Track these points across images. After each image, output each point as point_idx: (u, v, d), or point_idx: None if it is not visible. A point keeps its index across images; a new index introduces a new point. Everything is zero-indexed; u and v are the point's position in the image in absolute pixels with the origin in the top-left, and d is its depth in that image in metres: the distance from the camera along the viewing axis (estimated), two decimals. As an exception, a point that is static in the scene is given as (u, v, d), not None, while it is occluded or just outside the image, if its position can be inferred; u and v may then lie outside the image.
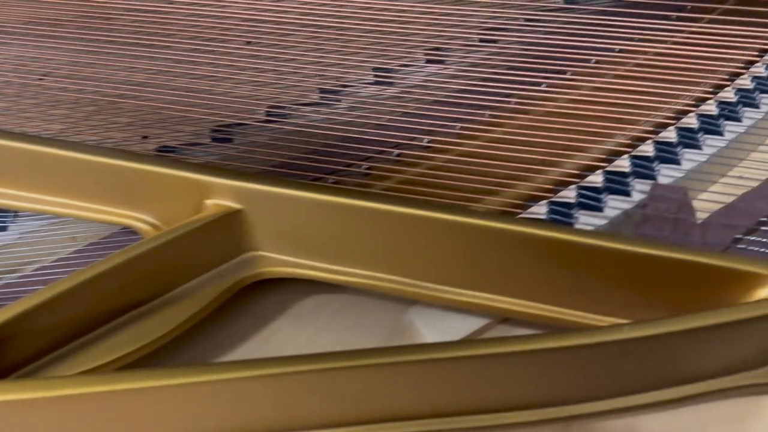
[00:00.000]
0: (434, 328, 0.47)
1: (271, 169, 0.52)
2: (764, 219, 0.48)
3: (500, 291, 0.45)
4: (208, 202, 0.44)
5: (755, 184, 0.51)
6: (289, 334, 0.48)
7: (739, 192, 0.50)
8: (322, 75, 0.62)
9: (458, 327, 0.47)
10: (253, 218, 0.44)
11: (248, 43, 0.66)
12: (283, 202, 0.43)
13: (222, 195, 0.43)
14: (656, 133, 0.54)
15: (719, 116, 0.56)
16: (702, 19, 0.66)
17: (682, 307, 0.42)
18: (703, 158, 0.53)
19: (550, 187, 0.51)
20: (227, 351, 0.46)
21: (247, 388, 0.37)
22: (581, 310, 0.44)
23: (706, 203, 0.50)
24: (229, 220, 0.43)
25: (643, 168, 0.52)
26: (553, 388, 0.41)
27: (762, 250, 0.46)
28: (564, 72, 0.62)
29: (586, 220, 0.48)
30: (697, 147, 0.53)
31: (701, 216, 0.50)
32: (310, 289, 0.49)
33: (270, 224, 0.45)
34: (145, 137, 0.56)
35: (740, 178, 0.52)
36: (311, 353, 0.39)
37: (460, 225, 0.43)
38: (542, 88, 0.60)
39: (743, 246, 0.46)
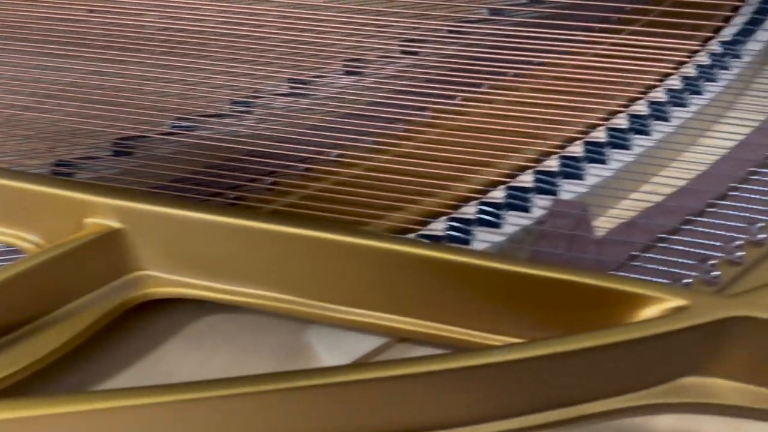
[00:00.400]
0: (332, 349, 0.46)
1: (170, 184, 0.51)
2: (662, 235, 0.48)
3: (395, 311, 0.45)
4: (88, 220, 0.43)
5: (659, 199, 0.51)
6: (180, 356, 0.46)
7: (641, 208, 0.50)
8: (235, 86, 0.61)
9: (356, 347, 0.46)
10: (136, 237, 0.43)
11: (162, 52, 0.65)
12: (166, 221, 0.42)
13: (101, 214, 0.42)
14: (563, 147, 0.54)
15: (629, 129, 0.56)
16: (622, 30, 0.66)
17: (571, 327, 0.42)
18: (608, 173, 0.53)
19: (453, 203, 0.50)
20: (114, 374, 0.45)
21: (122, 418, 0.36)
22: (476, 330, 0.44)
23: (607, 219, 0.50)
24: (109, 240, 0.42)
25: (545, 183, 0.52)
26: (441, 410, 0.40)
27: (658, 267, 0.46)
28: (479, 85, 0.61)
29: (485, 236, 0.48)
30: (603, 162, 0.53)
31: (602, 232, 0.50)
32: (206, 308, 0.48)
33: (155, 243, 0.43)
34: (49, 150, 0.55)
35: (644, 193, 0.52)
36: (190, 381, 0.38)
37: (352, 245, 0.43)
38: (456, 101, 0.59)
39: (639, 263, 0.46)
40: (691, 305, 0.38)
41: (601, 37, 0.64)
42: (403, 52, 0.66)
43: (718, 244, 0.47)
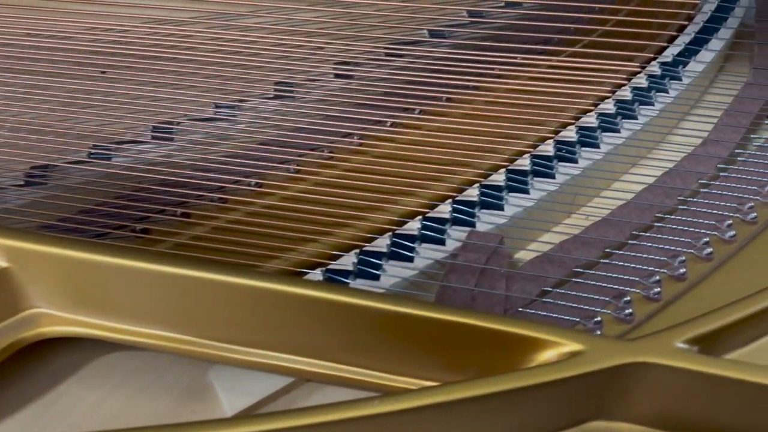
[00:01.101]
0: (233, 390, 0.44)
1: (75, 216, 0.50)
2: (578, 270, 0.47)
3: (296, 352, 0.43)
4: (-29, 261, 0.41)
5: (576, 231, 0.49)
6: (78, 395, 0.44)
7: (557, 240, 0.49)
8: (156, 111, 0.60)
9: (258, 388, 0.44)
10: (24, 276, 0.41)
11: (86, 77, 0.63)
12: (54, 259, 0.41)
13: (-16, 253, 0.40)
14: (486, 176, 0.52)
15: (554, 157, 0.54)
16: (562, 52, 0.65)
17: (472, 369, 0.40)
18: (530, 203, 0.51)
19: (367, 235, 0.48)
20: (5, 417, 0.43)
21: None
22: (378, 371, 0.42)
23: (525, 252, 0.49)
24: (-4, 279, 0.40)
25: (463, 214, 0.50)
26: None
27: (570, 304, 0.44)
28: (408, 111, 0.60)
29: (394, 271, 0.46)
30: (525, 191, 0.52)
31: (518, 264, 0.48)
32: (104, 346, 0.46)
33: (46, 281, 0.42)
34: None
35: (565, 225, 0.51)
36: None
37: (248, 287, 0.41)
38: (382, 127, 0.58)
39: (550, 300, 0.45)
40: (585, 350, 0.36)
41: (538, 60, 0.63)
42: (336, 76, 0.65)
43: (636, 279, 0.45)
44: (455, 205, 0.50)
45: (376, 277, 0.45)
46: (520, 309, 0.44)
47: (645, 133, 0.57)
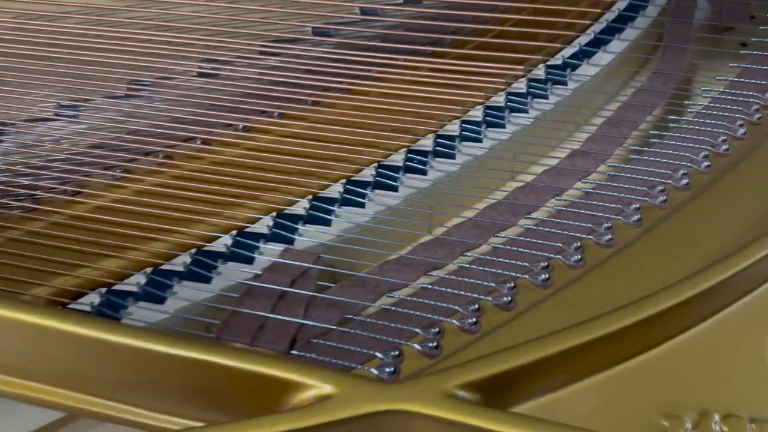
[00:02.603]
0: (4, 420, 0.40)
1: None
2: (392, 295, 0.41)
3: (66, 386, 0.38)
4: None
5: (394, 256, 0.44)
6: None
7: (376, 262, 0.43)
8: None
9: (27, 420, 0.40)
10: None
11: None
12: None
13: None
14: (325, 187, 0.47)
15: (402, 168, 0.49)
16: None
17: (238, 410, 0.36)
18: (364, 218, 0.46)
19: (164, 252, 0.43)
20: None
21: None
22: (144, 409, 0.37)
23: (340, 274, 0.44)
24: None
25: (285, 229, 0.45)
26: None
27: (370, 334, 0.39)
28: (271, 113, 0.55)
29: (186, 293, 0.42)
30: (361, 204, 0.47)
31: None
32: None
33: None
34: None
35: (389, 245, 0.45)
36: None
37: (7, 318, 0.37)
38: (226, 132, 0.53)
39: (347, 329, 0.39)
40: (335, 394, 0.31)
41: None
42: (200, 74, 0.61)
43: (455, 307, 0.40)
44: (278, 219, 0.45)
45: (161, 300, 0.41)
46: (314, 340, 0.39)
47: (507, 144, 0.52)
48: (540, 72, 0.57)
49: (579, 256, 0.42)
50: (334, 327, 0.39)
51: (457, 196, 0.49)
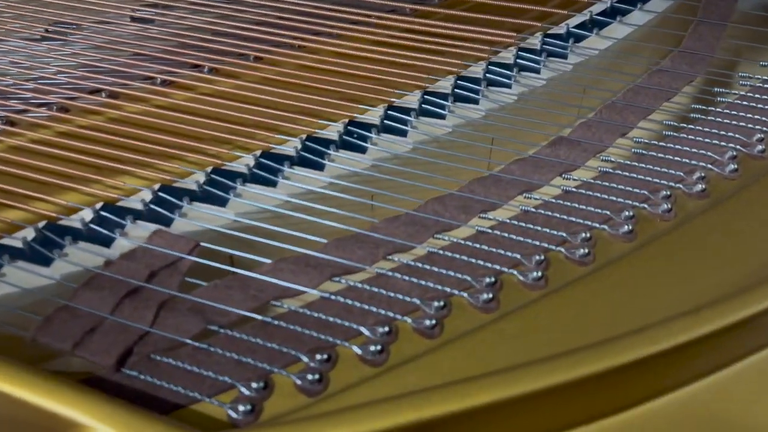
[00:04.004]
0: None
1: None
2: (277, 303, 0.31)
3: None
4: None
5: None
6: None
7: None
8: None
9: None
10: None
11: None
12: None
13: None
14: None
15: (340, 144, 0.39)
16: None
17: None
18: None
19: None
20: None
21: None
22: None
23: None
24: None
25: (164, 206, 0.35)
26: None
27: (238, 356, 0.29)
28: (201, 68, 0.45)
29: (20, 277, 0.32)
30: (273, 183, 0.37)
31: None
32: None
33: None
34: None
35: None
36: None
37: None
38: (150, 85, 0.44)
39: (205, 345, 0.30)
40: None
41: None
42: (133, 19, 0.52)
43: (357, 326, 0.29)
44: (159, 193, 0.36)
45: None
46: (155, 356, 0.29)
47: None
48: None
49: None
50: (187, 341, 0.29)
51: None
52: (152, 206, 0.35)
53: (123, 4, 0.52)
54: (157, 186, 0.36)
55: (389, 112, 0.41)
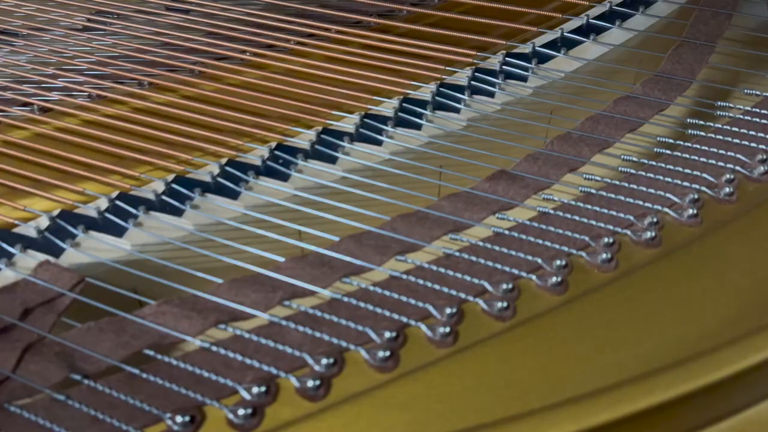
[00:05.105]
0: None
1: None
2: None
3: None
4: None
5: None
6: None
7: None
8: None
9: None
10: None
11: None
12: None
13: None
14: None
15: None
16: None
17: None
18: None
19: None
20: None
21: None
22: None
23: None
24: None
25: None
26: None
27: (96, 412, 0.26)
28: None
29: None
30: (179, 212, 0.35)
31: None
32: None
33: None
34: None
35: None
36: None
37: None
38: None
39: (63, 396, 0.27)
40: None
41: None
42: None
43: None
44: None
45: None
46: (11, 407, 0.26)
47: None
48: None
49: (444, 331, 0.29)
50: (46, 390, 0.27)
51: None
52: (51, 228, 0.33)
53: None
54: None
55: (321, 135, 0.38)
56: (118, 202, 0.34)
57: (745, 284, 0.30)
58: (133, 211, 0.34)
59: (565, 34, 0.44)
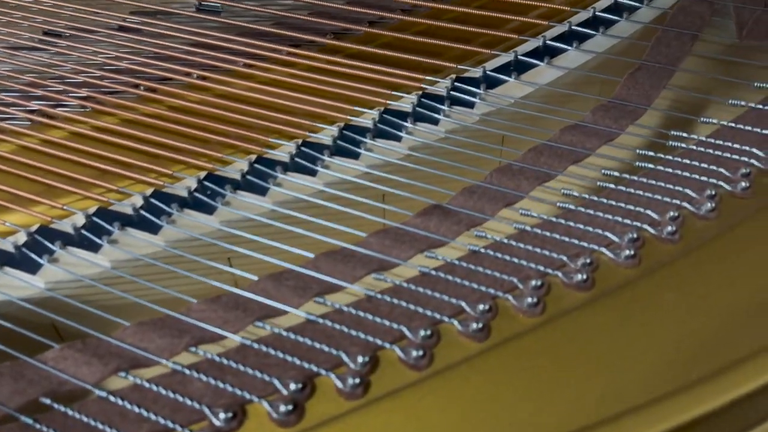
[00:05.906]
0: None
1: None
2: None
3: None
4: None
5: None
6: None
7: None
8: None
9: None
10: None
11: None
12: None
13: None
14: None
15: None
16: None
17: None
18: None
19: None
20: None
21: None
22: None
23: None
24: None
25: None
26: None
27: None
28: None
29: None
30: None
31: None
32: None
33: None
34: None
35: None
36: None
37: None
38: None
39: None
40: None
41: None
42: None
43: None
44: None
45: None
46: None
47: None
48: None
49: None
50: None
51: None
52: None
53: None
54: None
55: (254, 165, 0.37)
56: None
57: (672, 336, 0.28)
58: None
59: (519, 56, 0.43)
